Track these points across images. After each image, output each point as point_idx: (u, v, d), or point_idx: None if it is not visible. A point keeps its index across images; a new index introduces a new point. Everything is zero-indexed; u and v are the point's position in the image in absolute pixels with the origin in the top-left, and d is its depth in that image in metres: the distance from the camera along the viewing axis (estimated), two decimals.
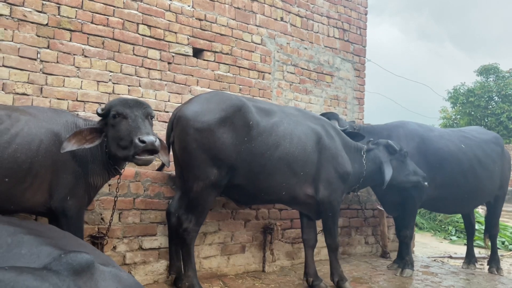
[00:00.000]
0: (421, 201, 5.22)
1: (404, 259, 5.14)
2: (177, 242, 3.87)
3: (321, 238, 5.44)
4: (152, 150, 2.85)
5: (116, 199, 3.52)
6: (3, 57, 4.15)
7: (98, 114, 3.00)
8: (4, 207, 2.76)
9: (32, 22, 4.32)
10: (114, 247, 3.74)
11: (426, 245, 8.55)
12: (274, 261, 4.86)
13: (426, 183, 4.70)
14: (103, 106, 3.04)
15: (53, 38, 4.44)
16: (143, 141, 2.78)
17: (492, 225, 6.02)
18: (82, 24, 4.59)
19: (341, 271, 4.35)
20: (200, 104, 3.68)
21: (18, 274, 1.33)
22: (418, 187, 4.75)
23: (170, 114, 5.19)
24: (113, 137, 2.96)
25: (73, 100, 4.52)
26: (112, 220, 3.59)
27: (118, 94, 4.76)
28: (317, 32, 6.73)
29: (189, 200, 3.71)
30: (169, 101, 5.19)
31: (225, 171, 3.65)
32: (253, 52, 5.99)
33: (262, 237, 4.81)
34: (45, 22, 4.39)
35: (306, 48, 6.58)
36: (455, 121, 26.87)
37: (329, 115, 5.05)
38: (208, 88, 5.51)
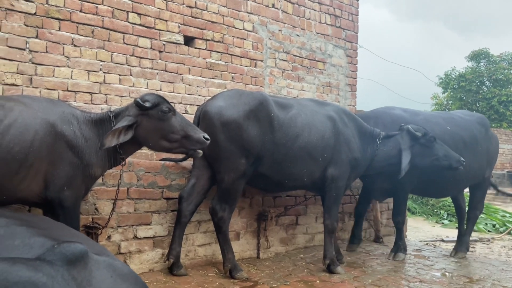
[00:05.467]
0: (412, 187, 5.24)
1: (397, 243, 5.20)
2: (182, 227, 3.95)
3: (315, 224, 5.49)
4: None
5: (118, 191, 3.55)
6: None
7: (142, 107, 3.11)
8: None
9: (20, 12, 4.24)
10: (109, 237, 3.75)
11: (419, 229, 8.66)
12: (268, 247, 4.90)
13: (461, 167, 4.74)
14: (142, 98, 3.19)
15: (42, 28, 4.37)
16: (207, 139, 3.22)
17: (473, 207, 5.93)
18: (71, 13, 4.51)
19: (334, 255, 4.40)
20: (224, 100, 3.98)
21: (11, 265, 1.34)
22: (451, 170, 4.79)
23: None
24: (159, 129, 3.14)
25: (64, 90, 4.46)
26: (113, 211, 3.59)
27: (109, 83, 4.71)
28: (309, 19, 6.68)
29: (221, 190, 3.93)
30: (161, 89, 5.14)
31: (252, 161, 3.92)
32: (244, 39, 5.94)
33: (256, 224, 4.84)
34: (33, 11, 4.31)
35: (298, 35, 6.54)
36: (446, 107, 26.92)
37: None
38: (200, 76, 5.47)
